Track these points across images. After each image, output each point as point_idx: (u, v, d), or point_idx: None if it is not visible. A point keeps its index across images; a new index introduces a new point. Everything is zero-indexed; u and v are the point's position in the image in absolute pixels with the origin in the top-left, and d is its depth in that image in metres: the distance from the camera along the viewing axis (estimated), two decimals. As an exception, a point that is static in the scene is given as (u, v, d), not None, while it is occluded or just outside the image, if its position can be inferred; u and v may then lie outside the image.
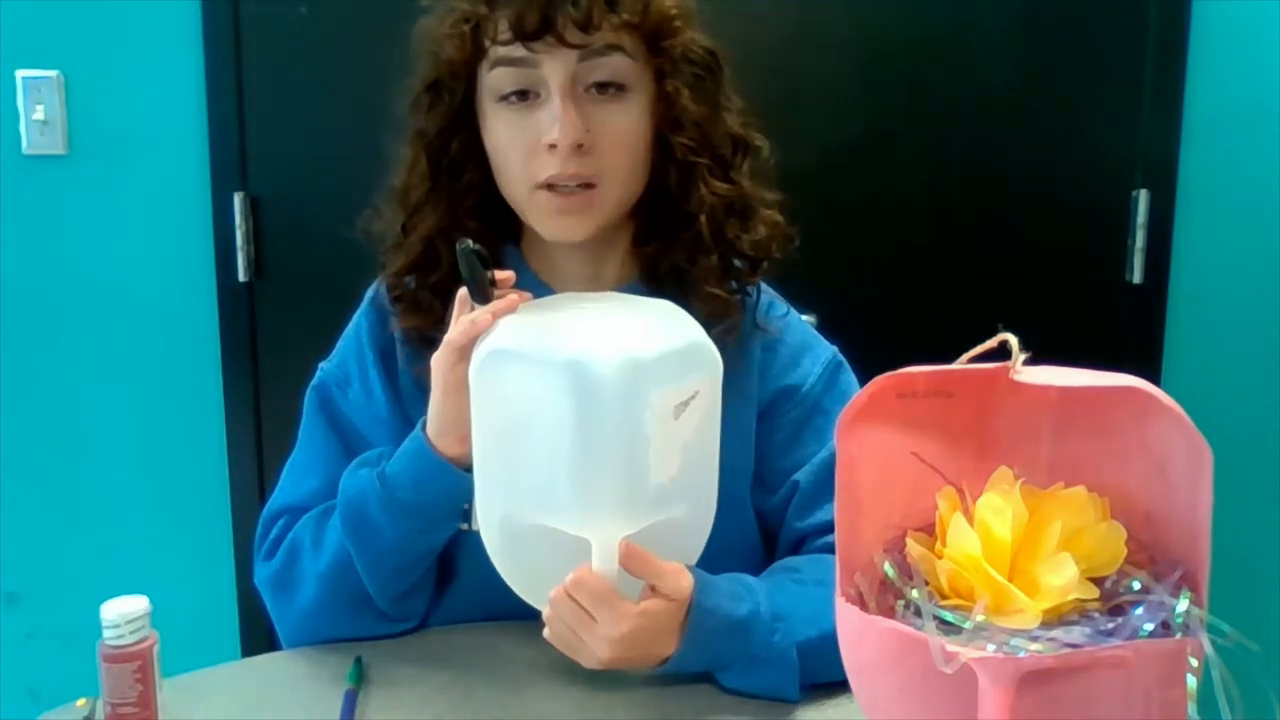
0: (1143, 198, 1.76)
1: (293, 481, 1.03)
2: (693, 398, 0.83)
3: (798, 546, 1.00)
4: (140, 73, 1.76)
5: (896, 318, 1.79)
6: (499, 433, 0.85)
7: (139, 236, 1.80)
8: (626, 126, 0.93)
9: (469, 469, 0.89)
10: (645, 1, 0.91)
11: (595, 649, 0.83)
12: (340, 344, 1.05)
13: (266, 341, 1.83)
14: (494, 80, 0.92)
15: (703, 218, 0.95)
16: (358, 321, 1.04)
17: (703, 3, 0.97)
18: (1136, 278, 1.78)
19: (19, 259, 1.80)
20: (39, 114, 1.75)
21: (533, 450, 0.83)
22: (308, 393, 1.04)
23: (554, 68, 0.90)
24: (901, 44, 1.75)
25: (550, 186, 0.92)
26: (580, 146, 0.90)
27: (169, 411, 1.85)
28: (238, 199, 1.78)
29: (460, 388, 0.86)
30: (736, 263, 0.99)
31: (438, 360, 0.88)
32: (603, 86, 0.91)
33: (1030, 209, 1.79)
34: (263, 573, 1.00)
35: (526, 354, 0.82)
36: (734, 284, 0.99)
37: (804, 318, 1.08)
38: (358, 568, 0.94)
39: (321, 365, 1.04)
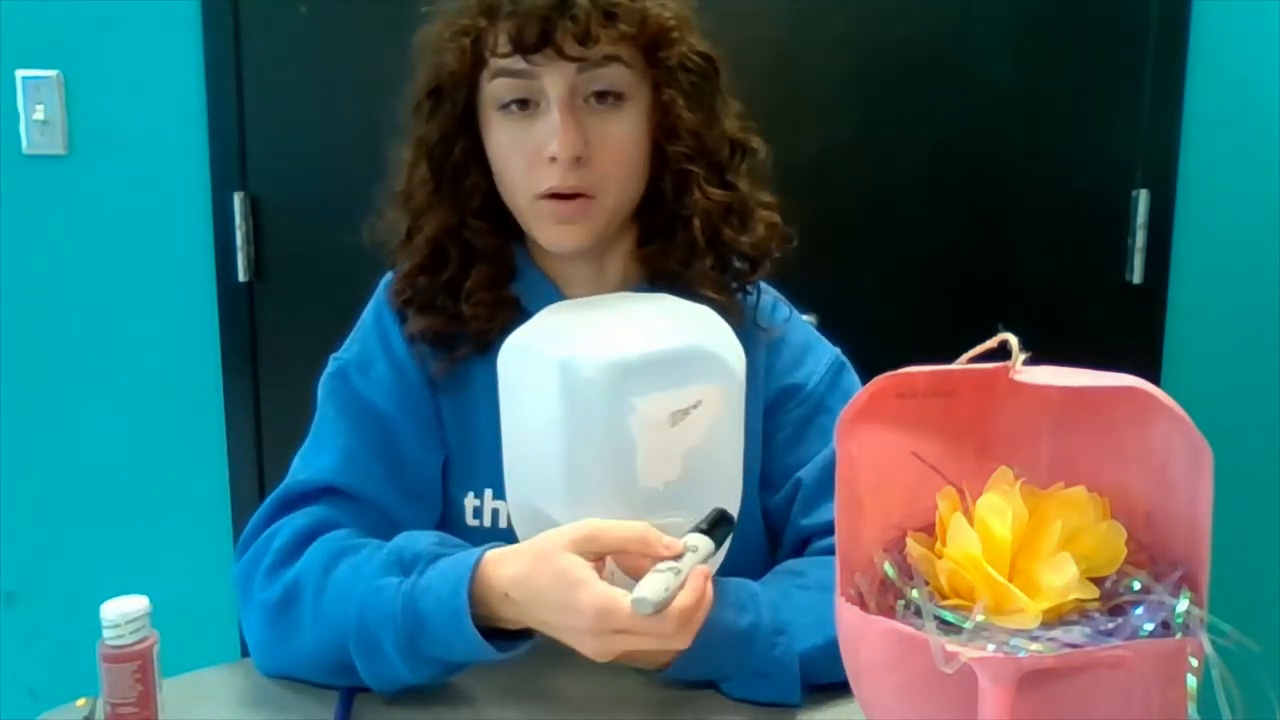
0: (1143, 197, 1.76)
1: (305, 462, 0.98)
2: (694, 406, 0.82)
3: (802, 545, 1.00)
4: (140, 73, 1.76)
5: (896, 318, 1.79)
6: (514, 420, 0.89)
7: (139, 236, 1.80)
8: (624, 136, 0.93)
9: (511, 637, 0.83)
10: (643, 13, 0.91)
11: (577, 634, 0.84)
12: (356, 333, 1.03)
13: (266, 341, 1.83)
14: (494, 90, 0.93)
15: (697, 222, 0.96)
16: (376, 306, 1.03)
17: (702, 3, 0.97)
18: (1136, 278, 1.78)
19: (19, 259, 1.80)
20: (39, 114, 1.75)
21: (534, 441, 0.86)
22: (322, 382, 1.01)
23: (553, 80, 0.90)
24: (901, 44, 1.75)
25: (551, 195, 0.92)
26: (579, 159, 0.91)
27: (169, 411, 1.85)
28: (238, 199, 1.78)
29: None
30: (737, 263, 1.00)
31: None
32: (601, 96, 0.92)
33: (1030, 209, 1.79)
34: (260, 596, 0.90)
35: (533, 348, 0.85)
36: (734, 284, 1.00)
37: (804, 318, 1.08)
38: (360, 676, 0.86)
39: (335, 356, 1.02)
